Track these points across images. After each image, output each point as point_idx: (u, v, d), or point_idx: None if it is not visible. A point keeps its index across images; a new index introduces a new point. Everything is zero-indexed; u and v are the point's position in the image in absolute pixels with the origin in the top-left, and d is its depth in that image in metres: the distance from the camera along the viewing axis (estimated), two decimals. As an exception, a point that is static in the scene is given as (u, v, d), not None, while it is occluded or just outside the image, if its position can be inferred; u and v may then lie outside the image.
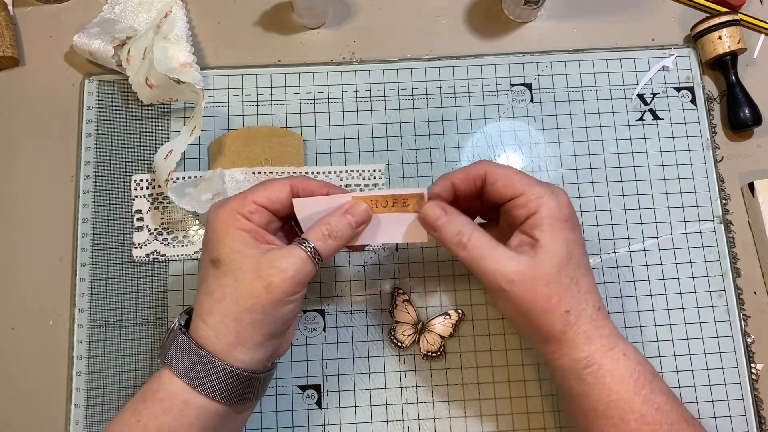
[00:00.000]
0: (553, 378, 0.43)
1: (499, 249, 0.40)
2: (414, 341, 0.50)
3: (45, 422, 0.49)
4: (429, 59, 0.56)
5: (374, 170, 0.53)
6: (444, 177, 0.43)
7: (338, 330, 0.50)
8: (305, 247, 0.39)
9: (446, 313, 0.50)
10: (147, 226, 0.51)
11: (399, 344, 0.49)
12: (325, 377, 0.49)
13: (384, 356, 0.50)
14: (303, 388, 0.49)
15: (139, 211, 0.52)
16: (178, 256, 0.51)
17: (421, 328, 0.50)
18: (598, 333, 0.40)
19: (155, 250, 0.51)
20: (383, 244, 0.52)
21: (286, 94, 0.55)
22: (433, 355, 0.49)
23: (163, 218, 0.51)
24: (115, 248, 0.51)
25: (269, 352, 0.41)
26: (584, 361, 0.39)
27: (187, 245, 0.51)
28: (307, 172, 0.52)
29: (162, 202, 0.52)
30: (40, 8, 0.57)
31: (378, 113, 0.55)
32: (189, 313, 0.41)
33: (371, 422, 0.49)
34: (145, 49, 0.52)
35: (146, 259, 0.51)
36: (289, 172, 0.52)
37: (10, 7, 0.57)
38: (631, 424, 0.38)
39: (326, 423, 0.49)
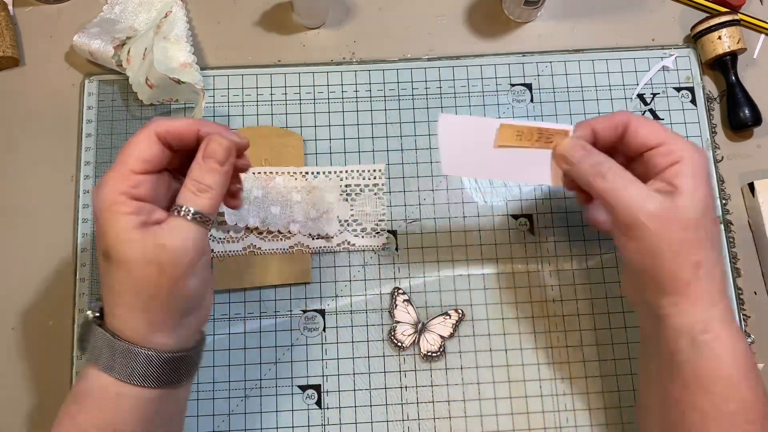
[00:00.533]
0: (654, 342, 0.40)
1: (640, 184, 0.39)
2: (414, 341, 0.50)
3: (45, 422, 0.49)
4: (429, 59, 0.56)
5: (374, 170, 0.53)
6: (585, 123, 0.42)
7: (338, 330, 0.50)
8: (182, 213, 0.37)
9: (446, 313, 0.50)
10: None
11: (399, 344, 0.49)
12: (325, 377, 0.49)
13: (384, 356, 0.50)
14: (303, 388, 0.49)
15: None
16: None
17: (421, 328, 0.50)
18: (723, 300, 0.38)
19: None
20: (383, 244, 0.52)
21: (286, 94, 0.55)
22: (433, 355, 0.49)
23: None
24: (115, 248, 0.51)
25: (191, 328, 0.39)
26: (703, 324, 0.38)
27: None
28: (307, 173, 0.52)
29: None
30: (40, 8, 0.57)
31: (378, 113, 0.55)
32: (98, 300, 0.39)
33: (371, 422, 0.49)
34: (145, 49, 0.52)
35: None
36: (289, 173, 0.52)
37: (10, 7, 0.57)
38: (731, 404, 0.37)
39: (326, 423, 0.49)
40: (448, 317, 0.50)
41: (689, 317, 0.38)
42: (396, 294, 0.50)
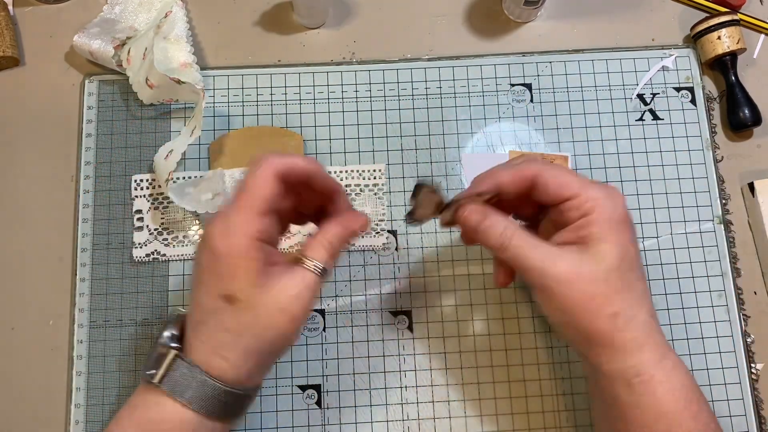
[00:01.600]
0: (595, 384, 0.41)
1: (543, 247, 0.39)
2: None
3: (45, 422, 0.49)
4: (429, 59, 0.56)
5: (374, 170, 0.53)
6: (490, 175, 0.41)
7: (338, 330, 0.50)
8: (314, 269, 0.39)
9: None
10: (147, 226, 0.51)
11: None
12: (325, 377, 0.49)
13: (384, 356, 0.50)
14: (303, 388, 0.49)
15: (139, 211, 0.52)
16: (178, 256, 0.51)
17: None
18: (650, 341, 0.38)
19: (155, 250, 0.51)
20: (383, 244, 0.52)
21: (286, 94, 0.55)
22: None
23: (163, 218, 0.51)
24: (115, 248, 0.51)
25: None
26: (634, 369, 0.38)
27: (187, 245, 0.51)
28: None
29: (162, 202, 0.52)
30: (40, 8, 0.57)
31: (378, 113, 0.55)
32: (176, 326, 0.40)
33: (371, 422, 0.49)
34: (145, 49, 0.52)
35: (146, 259, 0.51)
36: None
37: (10, 7, 0.57)
38: None
39: (326, 423, 0.49)
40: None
41: (618, 364, 0.38)
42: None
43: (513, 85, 0.55)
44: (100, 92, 0.54)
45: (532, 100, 0.55)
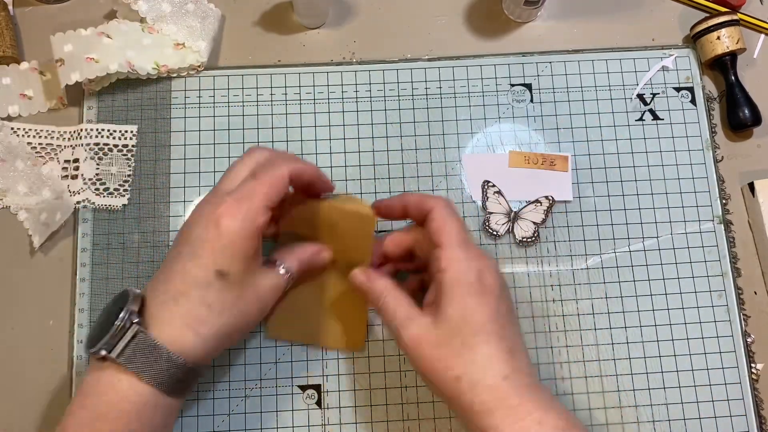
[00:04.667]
0: None
1: (405, 310, 0.41)
2: (508, 230, 0.52)
3: (45, 422, 0.49)
4: (429, 59, 0.56)
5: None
6: (402, 198, 0.44)
7: (338, 330, 0.50)
8: (287, 275, 0.43)
9: (537, 201, 0.52)
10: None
11: (494, 233, 0.51)
12: (325, 377, 0.49)
13: (384, 356, 0.50)
14: (303, 388, 0.49)
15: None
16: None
17: (513, 216, 0.52)
18: (501, 403, 0.37)
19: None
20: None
21: (286, 94, 0.55)
22: (528, 240, 0.51)
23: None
24: (115, 248, 0.51)
25: None
26: (493, 429, 0.37)
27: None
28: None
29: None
30: (40, 8, 0.57)
31: (378, 113, 0.55)
32: (136, 303, 0.39)
33: (371, 422, 0.49)
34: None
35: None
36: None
37: (10, 7, 0.57)
38: None
39: (326, 423, 0.49)
40: (539, 204, 0.52)
41: (472, 426, 0.38)
42: (486, 187, 0.52)
43: (513, 85, 0.55)
44: (101, 92, 0.54)
45: (532, 100, 0.55)
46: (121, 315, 0.38)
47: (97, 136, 0.53)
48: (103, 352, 0.37)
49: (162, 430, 0.39)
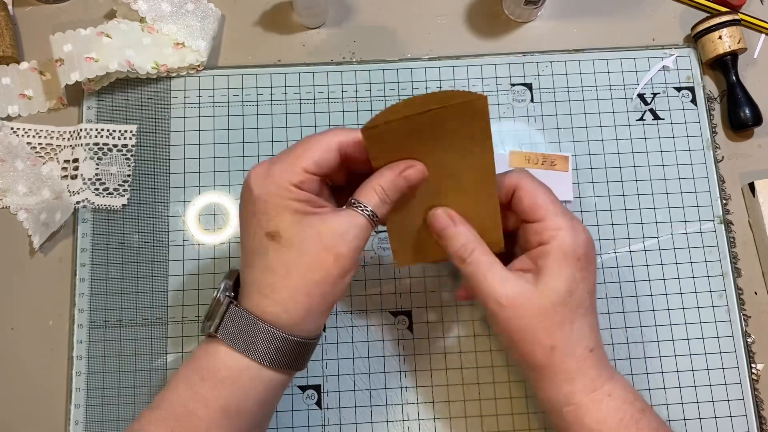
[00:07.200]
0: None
1: (497, 269, 0.39)
2: None
3: (45, 422, 0.49)
4: (429, 59, 0.56)
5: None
6: None
7: (338, 330, 0.50)
8: (363, 211, 0.38)
9: None
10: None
11: None
12: (325, 377, 0.49)
13: (384, 356, 0.50)
14: (303, 388, 0.49)
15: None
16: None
17: None
18: (583, 374, 0.39)
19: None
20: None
21: (286, 94, 0.55)
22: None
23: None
24: (115, 248, 0.51)
25: (326, 319, 0.41)
26: (564, 397, 0.39)
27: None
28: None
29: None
30: (40, 8, 0.57)
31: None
32: (231, 278, 0.40)
33: (371, 422, 0.49)
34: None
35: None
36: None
37: (10, 7, 0.57)
38: None
39: (326, 423, 0.49)
40: None
41: (551, 393, 0.40)
42: None
43: (513, 84, 0.55)
44: (101, 92, 0.54)
45: (532, 100, 0.55)
46: (217, 292, 0.39)
47: (96, 136, 0.53)
48: (206, 326, 0.39)
49: (265, 404, 0.39)
